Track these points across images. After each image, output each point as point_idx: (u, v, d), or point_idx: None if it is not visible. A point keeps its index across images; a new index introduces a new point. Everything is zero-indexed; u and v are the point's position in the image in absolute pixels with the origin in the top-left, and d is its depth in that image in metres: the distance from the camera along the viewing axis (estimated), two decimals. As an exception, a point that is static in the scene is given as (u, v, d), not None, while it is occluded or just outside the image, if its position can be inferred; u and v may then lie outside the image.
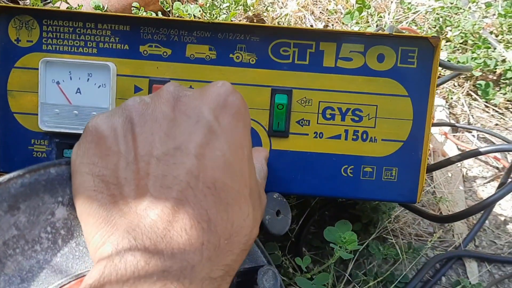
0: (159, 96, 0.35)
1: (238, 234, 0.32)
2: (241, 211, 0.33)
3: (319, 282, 0.53)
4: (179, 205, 0.31)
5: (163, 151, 0.32)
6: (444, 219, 0.65)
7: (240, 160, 0.34)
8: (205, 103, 0.34)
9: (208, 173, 0.32)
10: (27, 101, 0.51)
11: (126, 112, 0.34)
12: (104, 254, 0.30)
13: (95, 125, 0.34)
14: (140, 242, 0.29)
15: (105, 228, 0.31)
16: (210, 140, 0.33)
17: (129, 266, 0.28)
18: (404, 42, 0.51)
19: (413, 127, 0.51)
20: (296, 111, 0.51)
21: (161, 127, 0.33)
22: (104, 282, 0.28)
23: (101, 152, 0.33)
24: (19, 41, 0.50)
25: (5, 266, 0.32)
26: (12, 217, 0.32)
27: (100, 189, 0.32)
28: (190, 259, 0.30)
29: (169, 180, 0.31)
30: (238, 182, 0.33)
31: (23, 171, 0.33)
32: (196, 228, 0.30)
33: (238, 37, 0.51)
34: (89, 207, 0.32)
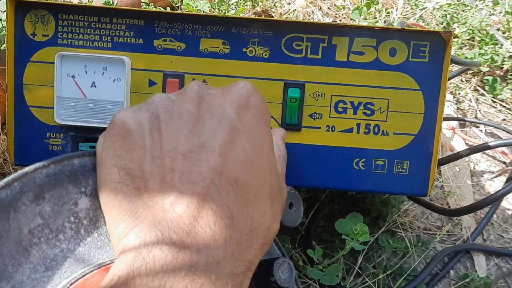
0: (184, 94, 0.36)
1: (257, 230, 0.33)
2: (259, 207, 0.34)
3: (331, 273, 0.54)
4: (204, 201, 0.31)
5: (188, 148, 0.33)
6: (452, 213, 0.65)
7: (261, 158, 0.35)
8: (228, 103, 0.35)
9: (230, 171, 0.33)
10: (42, 94, 0.51)
11: (153, 108, 0.35)
12: (128, 245, 0.30)
13: (122, 119, 0.34)
14: (167, 236, 0.30)
15: (129, 220, 0.32)
16: (233, 138, 0.34)
17: (158, 260, 0.29)
18: (416, 37, 0.51)
19: (425, 121, 0.52)
20: (308, 105, 0.52)
21: (186, 125, 0.34)
22: (134, 275, 0.28)
23: (127, 145, 0.34)
24: (35, 35, 0.51)
25: (30, 254, 0.33)
26: (38, 207, 0.33)
27: (125, 181, 0.33)
28: (215, 255, 0.30)
29: (194, 176, 0.32)
30: (258, 180, 0.34)
31: (48, 162, 0.34)
32: (220, 224, 0.31)
33: (251, 31, 0.51)
34: (114, 198, 0.32)
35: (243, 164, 0.34)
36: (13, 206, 0.32)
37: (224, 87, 0.37)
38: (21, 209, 0.33)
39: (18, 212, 0.32)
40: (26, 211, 0.33)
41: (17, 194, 0.32)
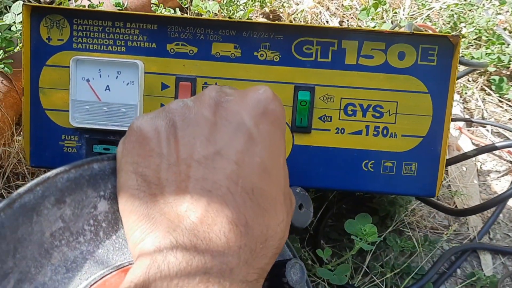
0: (201, 100, 0.36)
1: (273, 239, 0.34)
2: (276, 216, 0.34)
3: (340, 273, 0.55)
4: (219, 209, 0.32)
5: (203, 155, 0.33)
6: (460, 213, 0.66)
7: (276, 166, 0.36)
8: (246, 109, 0.35)
9: (247, 179, 0.33)
10: (58, 98, 0.52)
11: (170, 115, 0.35)
12: (145, 250, 0.31)
13: (140, 126, 0.35)
14: (181, 243, 0.30)
15: (146, 225, 0.32)
16: (250, 146, 0.34)
17: (172, 266, 0.29)
18: (425, 40, 0.52)
19: (433, 123, 0.53)
20: (318, 108, 0.53)
21: (202, 131, 0.34)
22: (149, 282, 0.29)
23: (145, 152, 0.34)
24: (50, 40, 0.52)
25: (52, 257, 0.34)
26: (59, 210, 0.34)
27: (142, 188, 0.33)
28: (228, 262, 0.31)
29: (209, 184, 0.33)
30: (274, 188, 0.35)
31: (69, 167, 0.35)
32: (235, 232, 0.31)
33: (262, 35, 0.52)
34: (131, 204, 0.33)
35: (260, 172, 0.34)
36: (36, 210, 0.33)
37: (243, 92, 0.37)
38: (43, 213, 0.34)
39: (40, 216, 0.34)
40: (48, 215, 0.34)
41: (39, 199, 0.34)
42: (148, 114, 0.36)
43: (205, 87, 0.52)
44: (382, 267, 0.65)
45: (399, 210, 0.67)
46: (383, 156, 0.53)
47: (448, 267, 0.69)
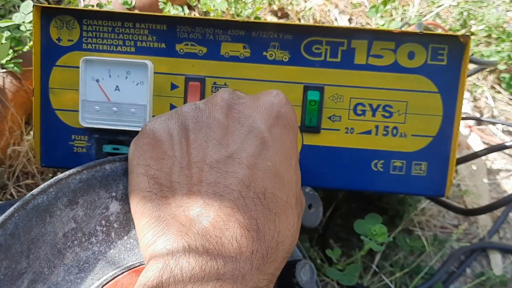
0: (214, 102, 0.36)
1: (283, 244, 0.34)
2: (287, 221, 0.34)
3: (350, 273, 0.55)
4: (230, 214, 0.32)
5: (216, 159, 0.33)
6: (470, 212, 0.66)
7: (288, 171, 0.36)
8: (259, 113, 0.36)
9: (258, 184, 0.33)
10: (67, 98, 0.53)
11: (182, 118, 0.35)
12: (156, 252, 0.31)
13: (153, 129, 0.35)
14: (193, 247, 0.30)
15: (157, 228, 0.32)
16: (262, 150, 0.34)
17: (185, 272, 0.29)
18: (435, 40, 0.52)
19: (443, 123, 0.52)
20: (327, 107, 0.52)
21: (214, 134, 0.34)
22: (162, 287, 0.29)
23: (157, 155, 0.34)
24: (60, 41, 0.52)
25: (64, 257, 0.34)
26: (71, 211, 0.35)
27: (154, 190, 0.34)
28: (241, 268, 0.31)
29: (221, 188, 0.33)
30: (286, 193, 0.35)
31: (81, 168, 0.35)
32: (246, 237, 0.32)
33: (271, 35, 0.52)
34: (143, 207, 0.33)
35: (272, 176, 0.34)
36: (49, 211, 0.34)
37: (255, 96, 0.37)
38: (56, 214, 0.34)
39: (53, 217, 0.34)
40: (61, 216, 0.34)
41: (52, 200, 0.34)
42: (160, 117, 0.36)
43: (214, 87, 0.52)
44: (391, 266, 0.65)
45: (408, 209, 0.67)
46: (392, 156, 0.53)
47: (457, 266, 0.68)
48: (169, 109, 0.52)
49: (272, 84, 0.52)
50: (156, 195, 0.33)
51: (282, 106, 0.37)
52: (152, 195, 0.34)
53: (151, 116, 0.52)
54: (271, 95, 0.37)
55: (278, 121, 0.36)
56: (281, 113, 0.37)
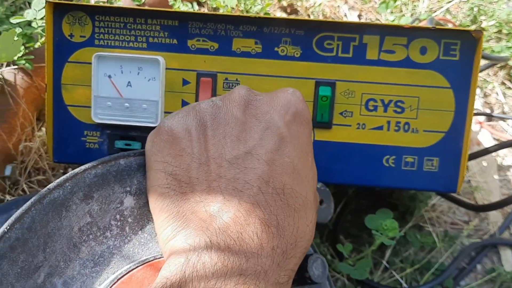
0: (231, 99, 0.36)
1: (302, 239, 0.34)
2: (306, 216, 0.34)
3: (361, 268, 0.55)
4: (250, 209, 0.32)
5: (234, 155, 0.34)
6: (481, 208, 0.66)
7: (306, 166, 0.36)
8: (276, 109, 0.36)
9: (277, 179, 0.33)
10: (80, 94, 0.53)
11: (200, 115, 0.35)
12: (176, 247, 0.32)
13: (170, 126, 0.35)
14: (215, 243, 0.30)
15: (176, 223, 0.33)
16: (280, 146, 0.34)
17: (208, 267, 0.29)
18: (447, 35, 0.51)
19: (455, 118, 0.52)
20: (339, 103, 0.52)
21: (232, 131, 0.34)
22: (186, 282, 0.29)
23: (175, 152, 0.35)
24: (72, 37, 0.52)
25: (80, 251, 0.35)
26: (87, 206, 0.35)
27: (173, 186, 0.34)
28: (262, 263, 0.31)
29: (240, 183, 0.33)
30: (305, 188, 0.35)
31: (96, 163, 0.35)
32: (267, 233, 0.32)
33: (283, 31, 0.52)
34: (162, 203, 0.34)
35: (290, 172, 0.34)
36: (65, 205, 0.34)
37: (272, 93, 0.38)
38: (72, 208, 0.34)
39: (69, 211, 0.34)
40: (77, 210, 0.34)
41: (68, 194, 0.34)
42: (177, 114, 0.36)
43: (226, 83, 0.52)
44: (401, 262, 0.65)
45: (419, 205, 0.67)
46: (404, 151, 0.53)
47: (468, 262, 0.68)
48: (180, 105, 0.53)
49: (283, 80, 0.52)
50: (174, 191, 0.34)
51: (299, 104, 0.37)
52: (171, 191, 0.34)
53: (163, 112, 0.52)
54: (287, 92, 0.37)
55: (295, 118, 0.37)
56: (298, 110, 0.37)
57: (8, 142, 0.65)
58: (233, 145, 0.34)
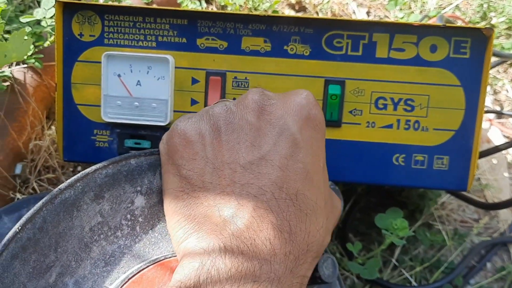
0: (245, 104, 0.36)
1: (313, 245, 0.34)
2: (316, 221, 0.34)
3: (371, 267, 0.55)
4: (264, 215, 0.32)
5: (248, 160, 0.34)
6: (491, 207, 0.65)
7: (318, 172, 0.36)
8: (289, 114, 0.36)
9: (291, 185, 0.33)
10: (89, 93, 0.53)
11: (214, 120, 0.35)
12: (189, 250, 0.32)
13: (184, 129, 0.35)
14: (229, 248, 0.30)
15: (189, 225, 0.33)
16: (294, 152, 0.34)
17: (222, 272, 0.30)
18: (457, 33, 0.51)
19: (465, 117, 0.52)
20: (349, 101, 0.52)
21: (246, 136, 0.34)
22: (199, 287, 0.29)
23: (189, 155, 0.35)
24: (82, 36, 0.53)
25: (91, 251, 0.35)
26: (98, 205, 0.35)
27: (186, 190, 0.34)
28: (276, 270, 0.31)
29: (254, 189, 0.33)
30: (315, 194, 0.35)
31: (107, 163, 0.35)
32: (279, 239, 0.32)
33: (292, 29, 0.52)
34: (175, 205, 0.34)
35: (302, 178, 0.34)
36: (76, 205, 0.34)
37: (285, 96, 0.38)
38: (83, 208, 0.34)
39: (80, 211, 0.34)
40: (88, 210, 0.35)
41: (79, 194, 0.34)
42: (191, 117, 0.36)
43: (235, 81, 0.52)
44: (411, 260, 0.65)
45: (428, 203, 0.66)
46: (414, 150, 0.53)
47: (478, 261, 0.68)
48: (190, 104, 0.53)
49: (293, 79, 0.52)
50: (188, 194, 0.34)
51: (312, 108, 0.37)
52: (184, 194, 0.34)
53: (172, 111, 0.52)
54: (301, 96, 0.37)
55: (308, 123, 0.37)
56: (311, 114, 0.37)
57: (18, 140, 0.66)
58: (247, 150, 0.34)
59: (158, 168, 0.38)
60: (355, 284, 0.62)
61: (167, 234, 0.37)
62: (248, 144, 0.34)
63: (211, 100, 0.52)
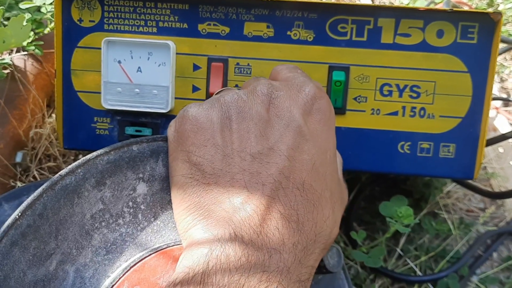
0: (255, 95, 0.36)
1: (321, 235, 0.34)
2: (322, 212, 0.34)
3: (375, 255, 0.54)
4: (272, 203, 0.32)
5: (258, 150, 0.34)
6: (497, 195, 0.64)
7: (324, 163, 0.36)
8: (296, 106, 0.36)
9: (297, 175, 0.34)
10: (89, 80, 0.52)
11: (225, 108, 0.36)
12: (197, 237, 0.31)
13: (196, 115, 0.35)
14: (239, 235, 0.30)
15: (197, 212, 0.33)
16: (300, 143, 0.35)
17: (232, 261, 0.29)
18: (465, 18, 0.50)
19: (472, 103, 0.51)
20: (353, 88, 0.51)
21: (256, 126, 0.35)
22: (208, 274, 0.29)
23: (199, 142, 0.34)
24: (81, 21, 0.52)
25: (92, 238, 0.34)
26: (99, 192, 0.34)
27: (196, 176, 0.34)
28: (285, 260, 0.30)
29: (263, 177, 0.33)
30: (321, 185, 0.35)
31: (109, 149, 0.35)
32: (288, 228, 0.31)
33: (295, 14, 0.51)
34: (184, 192, 0.34)
35: (309, 169, 0.34)
36: (77, 192, 0.33)
37: (291, 87, 0.38)
38: (84, 195, 0.34)
39: (81, 198, 0.34)
40: (89, 197, 0.34)
41: (80, 181, 0.33)
42: (202, 104, 0.36)
43: (237, 67, 0.51)
44: (416, 250, 0.65)
45: (434, 192, 0.66)
46: (420, 137, 0.52)
47: (484, 250, 0.67)
48: (191, 91, 0.52)
49: (296, 65, 0.51)
50: (197, 181, 0.34)
51: (318, 99, 0.38)
52: (194, 181, 0.34)
53: (174, 97, 0.51)
54: (307, 87, 0.38)
55: (315, 114, 0.37)
56: (316, 106, 0.37)
57: (18, 128, 0.65)
58: (256, 140, 0.34)
59: (160, 154, 0.37)
60: (359, 273, 0.61)
61: (170, 222, 0.36)
62: (258, 134, 0.34)
63: (213, 87, 0.51)
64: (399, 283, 0.63)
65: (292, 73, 0.41)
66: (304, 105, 0.37)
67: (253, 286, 0.29)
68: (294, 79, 0.39)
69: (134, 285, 0.34)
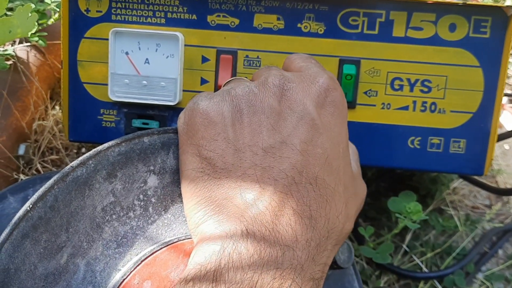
0: (266, 87, 0.35)
1: (333, 231, 0.33)
2: (335, 207, 0.33)
3: (383, 251, 0.54)
4: (285, 199, 0.31)
5: (270, 144, 0.33)
6: (504, 192, 0.64)
7: (337, 157, 0.35)
8: (309, 98, 0.35)
9: (310, 170, 0.33)
10: (96, 71, 0.52)
11: (236, 101, 0.35)
12: (208, 232, 0.31)
13: (206, 109, 0.34)
14: (251, 232, 0.29)
15: (208, 207, 0.32)
16: (313, 137, 0.34)
17: (244, 258, 0.28)
18: (477, 12, 0.49)
19: (484, 99, 0.50)
20: (364, 82, 0.51)
21: (268, 119, 0.34)
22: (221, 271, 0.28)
23: (210, 136, 0.34)
24: (88, 12, 0.51)
25: (103, 231, 0.33)
26: (110, 185, 0.34)
27: (207, 171, 0.33)
28: (298, 257, 0.30)
29: (275, 172, 0.32)
30: (334, 179, 0.34)
31: (120, 140, 0.34)
32: (301, 224, 0.31)
33: (306, 6, 0.50)
34: (195, 187, 0.33)
35: (322, 163, 0.33)
36: (88, 184, 0.33)
37: (304, 78, 0.37)
38: (95, 187, 0.33)
39: (92, 190, 0.33)
40: (100, 189, 0.33)
41: (91, 172, 0.33)
42: (212, 97, 0.35)
43: (247, 60, 0.51)
44: (422, 246, 0.64)
45: (440, 188, 0.65)
46: (430, 132, 0.51)
47: (489, 247, 0.67)
48: (199, 83, 0.51)
49: (306, 57, 0.50)
50: (208, 175, 0.33)
51: (331, 91, 0.37)
52: (205, 175, 0.33)
53: (182, 90, 0.51)
54: (321, 79, 0.37)
55: (328, 107, 0.36)
56: (330, 98, 0.37)
57: (21, 120, 0.64)
58: (268, 133, 0.34)
59: (171, 147, 0.36)
60: (365, 269, 0.61)
61: (180, 216, 0.36)
62: (270, 127, 0.34)
63: (222, 79, 0.51)
64: (405, 280, 0.62)
65: (306, 63, 0.40)
66: (318, 97, 0.36)
67: (266, 283, 0.28)
68: (307, 69, 0.38)
69: (145, 279, 0.33)
